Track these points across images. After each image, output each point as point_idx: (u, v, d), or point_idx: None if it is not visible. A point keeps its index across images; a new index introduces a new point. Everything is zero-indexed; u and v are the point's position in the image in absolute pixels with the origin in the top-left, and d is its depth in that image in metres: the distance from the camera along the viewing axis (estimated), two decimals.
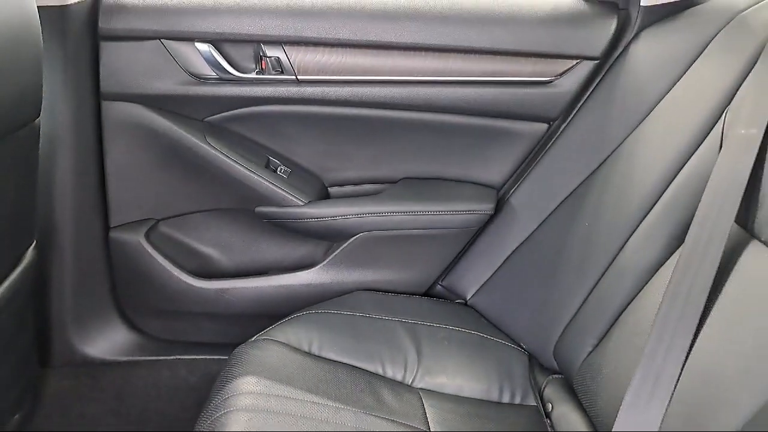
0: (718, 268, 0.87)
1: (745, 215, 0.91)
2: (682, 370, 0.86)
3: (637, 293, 1.02)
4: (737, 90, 1.00)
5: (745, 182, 0.90)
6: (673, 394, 0.85)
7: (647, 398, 0.87)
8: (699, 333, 0.86)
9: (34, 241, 1.11)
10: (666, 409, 0.85)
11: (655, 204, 1.05)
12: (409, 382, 1.13)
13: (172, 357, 1.42)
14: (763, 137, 0.91)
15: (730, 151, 0.94)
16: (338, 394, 1.04)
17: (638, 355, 0.89)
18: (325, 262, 1.37)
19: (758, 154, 0.90)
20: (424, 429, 1.02)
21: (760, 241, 0.87)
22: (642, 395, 0.87)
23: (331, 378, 1.07)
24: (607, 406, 0.96)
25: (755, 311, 0.83)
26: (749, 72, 0.99)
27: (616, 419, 0.87)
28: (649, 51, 1.22)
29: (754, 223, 0.89)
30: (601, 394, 1.00)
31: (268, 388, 1.01)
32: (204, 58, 1.23)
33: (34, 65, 0.94)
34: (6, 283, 1.02)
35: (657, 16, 1.23)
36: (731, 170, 0.92)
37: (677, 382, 0.85)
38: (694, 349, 0.86)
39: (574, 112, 1.29)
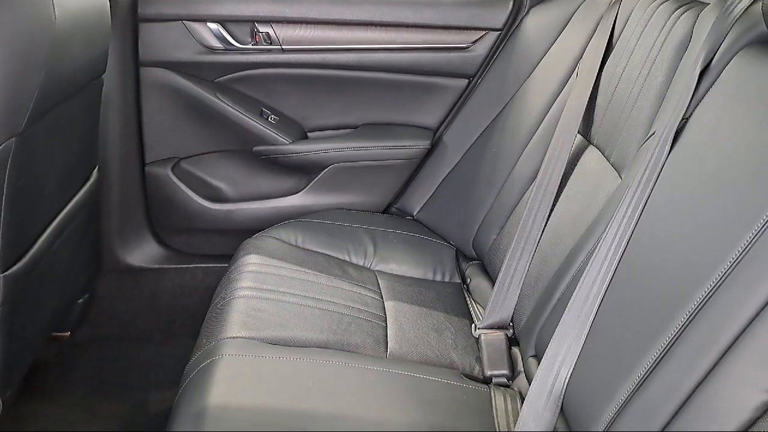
0: (566, 165, 1.29)
1: (585, 128, 1.33)
2: (542, 232, 1.27)
3: (524, 193, 1.41)
4: (585, 49, 1.40)
5: (584, 107, 1.31)
6: (536, 247, 1.27)
7: (520, 252, 1.29)
8: (553, 208, 1.28)
9: (97, 165, 1.48)
10: (531, 258, 1.27)
11: (536, 131, 1.45)
12: (368, 266, 1.48)
13: (192, 265, 1.72)
14: (596, 79, 1.33)
15: (577, 88, 1.35)
16: (316, 267, 1.40)
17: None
18: (306, 189, 1.71)
19: (592, 90, 1.32)
20: (377, 290, 1.39)
21: (593, 144, 1.30)
22: (517, 250, 1.29)
23: (311, 259, 1.43)
24: (500, 265, 1.32)
25: (584, 190, 1.25)
26: (592, 37, 1.39)
27: (501, 268, 1.29)
28: (536, 23, 1.59)
29: (590, 133, 1.31)
30: (497, 261, 1.40)
31: (267, 261, 1.38)
32: (214, 34, 1.57)
33: (104, 36, 1.31)
34: (80, 193, 1.38)
35: None
36: (576, 101, 1.33)
37: (539, 239, 1.27)
38: (550, 218, 1.27)
39: (486, 70, 1.66)
